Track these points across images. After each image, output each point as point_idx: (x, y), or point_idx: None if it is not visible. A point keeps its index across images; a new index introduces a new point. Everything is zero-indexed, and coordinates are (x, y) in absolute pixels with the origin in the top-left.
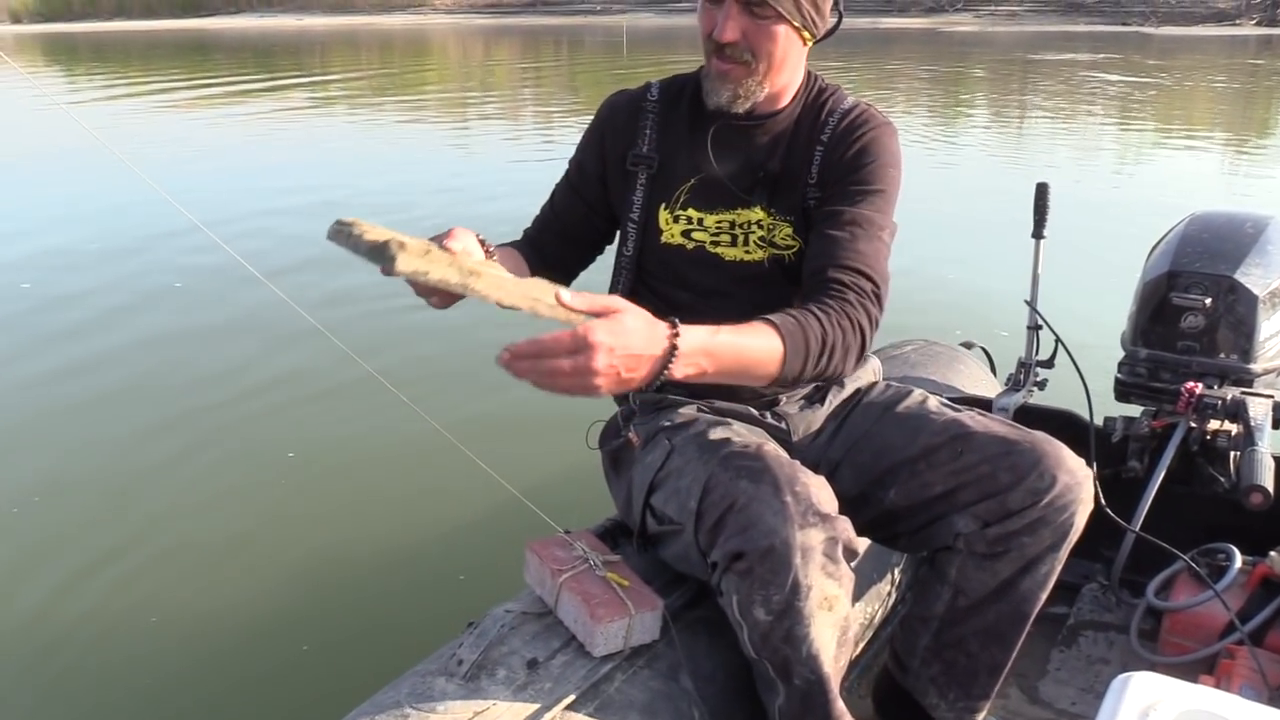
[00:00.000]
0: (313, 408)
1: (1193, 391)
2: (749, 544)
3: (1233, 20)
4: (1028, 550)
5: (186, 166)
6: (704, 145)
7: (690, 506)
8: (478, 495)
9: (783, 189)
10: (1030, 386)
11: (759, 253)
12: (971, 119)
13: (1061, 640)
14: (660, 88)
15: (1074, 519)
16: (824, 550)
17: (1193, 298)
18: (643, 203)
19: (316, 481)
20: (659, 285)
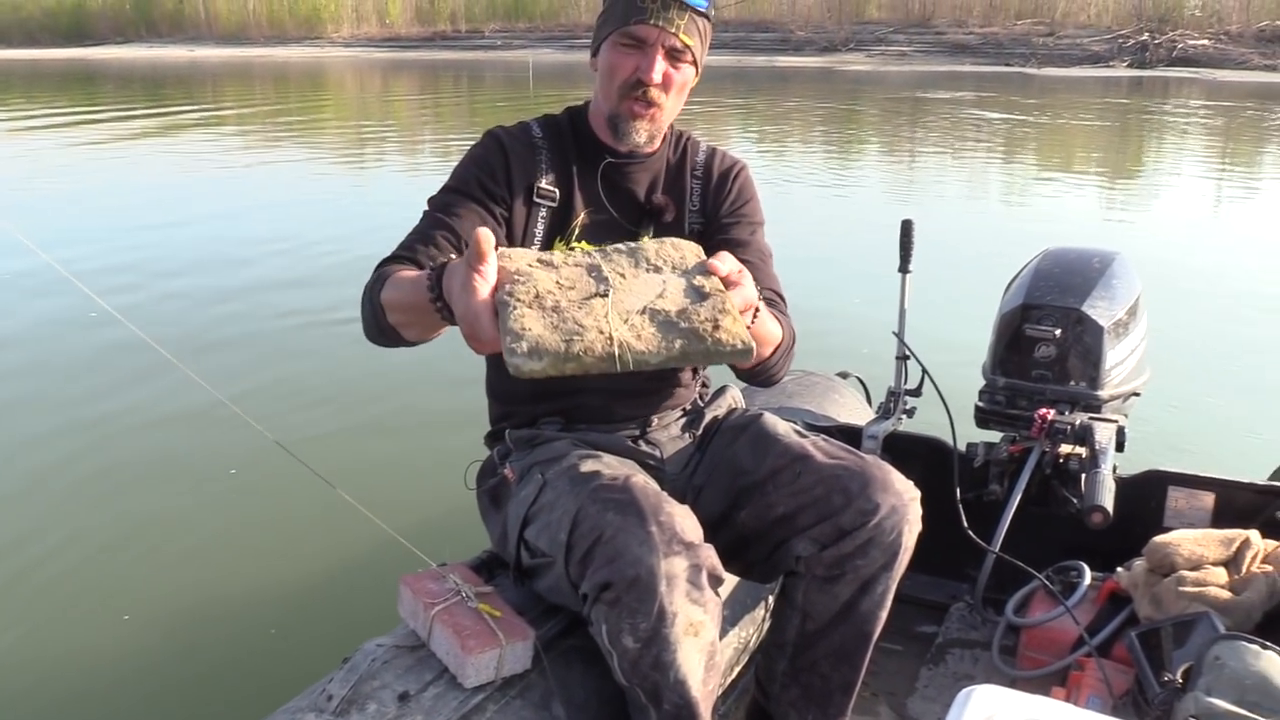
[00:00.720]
0: (178, 448)
1: (1045, 417)
2: (616, 574)
3: (1106, 62)
4: (862, 571)
5: (57, 202)
6: (594, 183)
7: (560, 539)
8: (352, 532)
9: (667, 219)
10: (900, 414)
11: None
12: (860, 155)
13: (930, 658)
14: (541, 127)
15: (902, 539)
16: (688, 578)
17: (1044, 329)
18: (544, 236)
19: (183, 521)
20: None
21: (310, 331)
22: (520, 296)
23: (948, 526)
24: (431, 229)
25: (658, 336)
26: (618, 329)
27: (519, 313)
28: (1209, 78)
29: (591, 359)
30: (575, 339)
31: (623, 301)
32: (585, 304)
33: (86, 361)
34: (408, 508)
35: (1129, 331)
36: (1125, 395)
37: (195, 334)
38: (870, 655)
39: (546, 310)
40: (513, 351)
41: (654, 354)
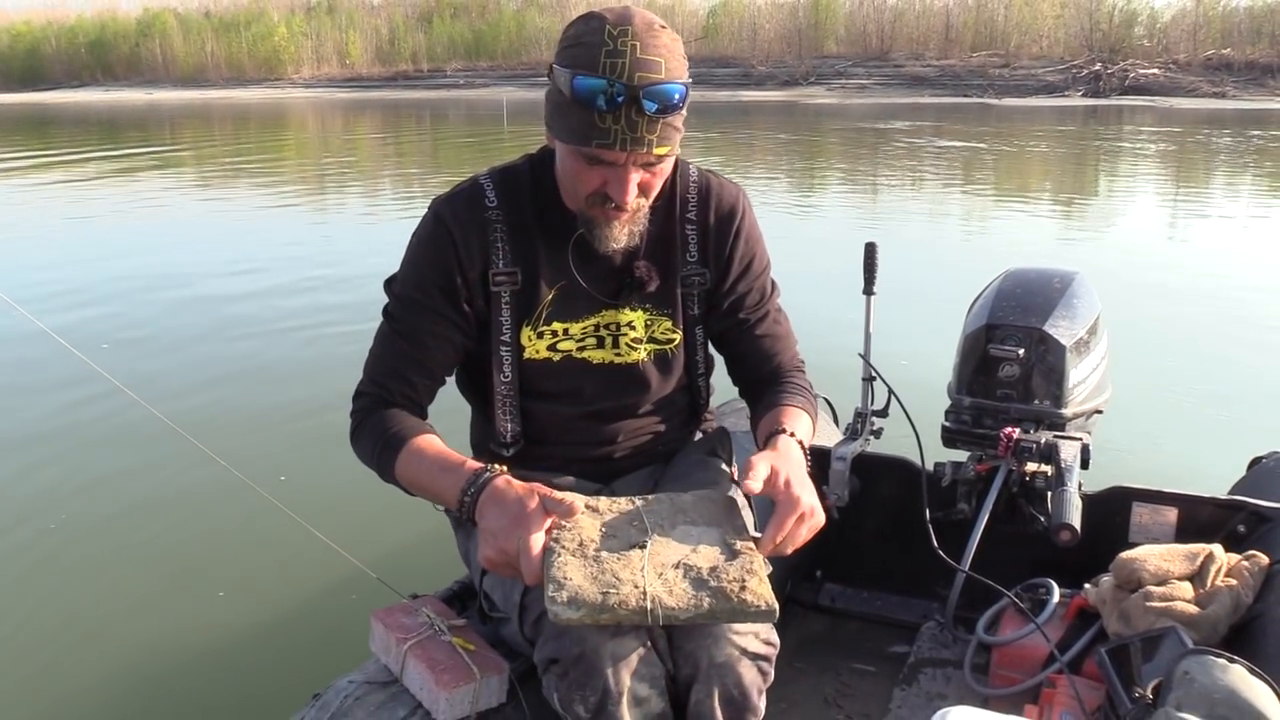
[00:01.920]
0: (135, 484)
1: (1010, 436)
2: (562, 650)
3: (1062, 92)
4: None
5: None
6: (563, 256)
7: (514, 599)
8: (321, 566)
9: (655, 286)
10: (867, 435)
11: (634, 353)
12: (823, 182)
13: (903, 679)
14: (496, 190)
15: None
16: (638, 658)
17: (1008, 349)
18: (510, 324)
19: (144, 558)
20: (536, 405)
21: (268, 361)
22: (565, 544)
23: (917, 546)
24: (403, 364)
25: (689, 593)
26: (652, 584)
27: (563, 560)
28: (1161, 105)
29: (625, 612)
30: (611, 592)
31: (659, 554)
32: (624, 555)
33: (35, 392)
34: (377, 540)
35: (1090, 350)
36: (1088, 413)
37: (151, 366)
38: (842, 677)
39: (588, 559)
40: (553, 600)
41: (683, 610)
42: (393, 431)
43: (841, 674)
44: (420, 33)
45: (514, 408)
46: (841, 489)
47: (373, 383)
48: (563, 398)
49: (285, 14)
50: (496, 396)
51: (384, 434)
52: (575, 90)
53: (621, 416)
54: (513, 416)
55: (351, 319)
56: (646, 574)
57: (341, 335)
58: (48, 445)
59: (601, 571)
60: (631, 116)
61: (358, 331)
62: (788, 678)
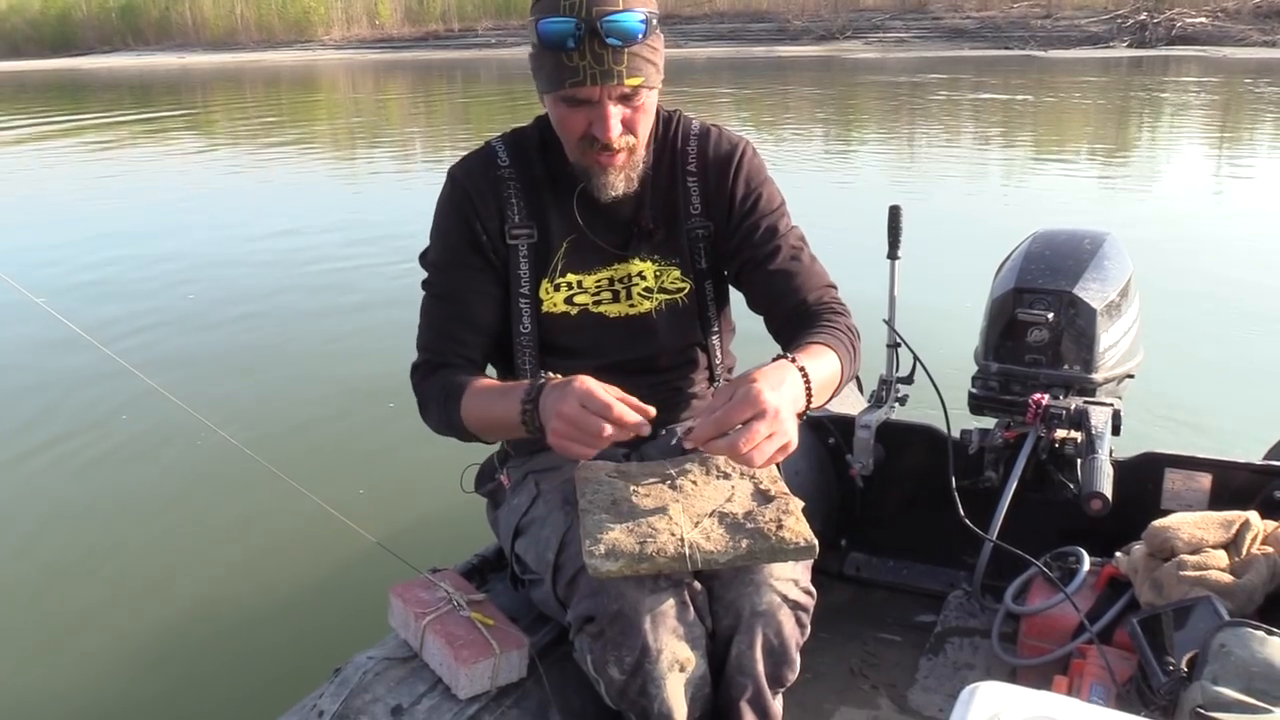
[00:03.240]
0: (152, 465)
1: (1039, 402)
2: (599, 608)
3: (1106, 43)
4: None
5: (38, 214)
6: (570, 209)
7: (548, 559)
8: (339, 543)
9: (661, 235)
10: (893, 403)
11: (645, 303)
12: (855, 141)
13: (929, 648)
14: (508, 151)
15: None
16: (675, 614)
17: (1036, 313)
18: (529, 278)
19: (163, 538)
20: (556, 361)
21: (285, 342)
22: (599, 503)
23: (944, 514)
24: (450, 324)
25: (726, 537)
26: (689, 532)
27: (596, 518)
28: (1210, 55)
29: (664, 559)
30: (649, 541)
31: (694, 506)
32: (659, 510)
33: (56, 382)
34: (395, 516)
35: (1122, 313)
36: (1119, 378)
37: (166, 346)
38: (868, 646)
39: (623, 515)
40: (591, 554)
41: (722, 553)
42: (453, 384)
43: (867, 644)
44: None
45: (533, 360)
46: (866, 457)
47: (425, 351)
48: (582, 352)
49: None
50: (516, 348)
51: (444, 390)
52: (541, 35)
53: (639, 370)
54: (533, 367)
55: (369, 298)
56: (683, 523)
57: (358, 313)
58: (63, 428)
59: (637, 524)
60: (595, 50)
61: (376, 308)
62: (812, 647)
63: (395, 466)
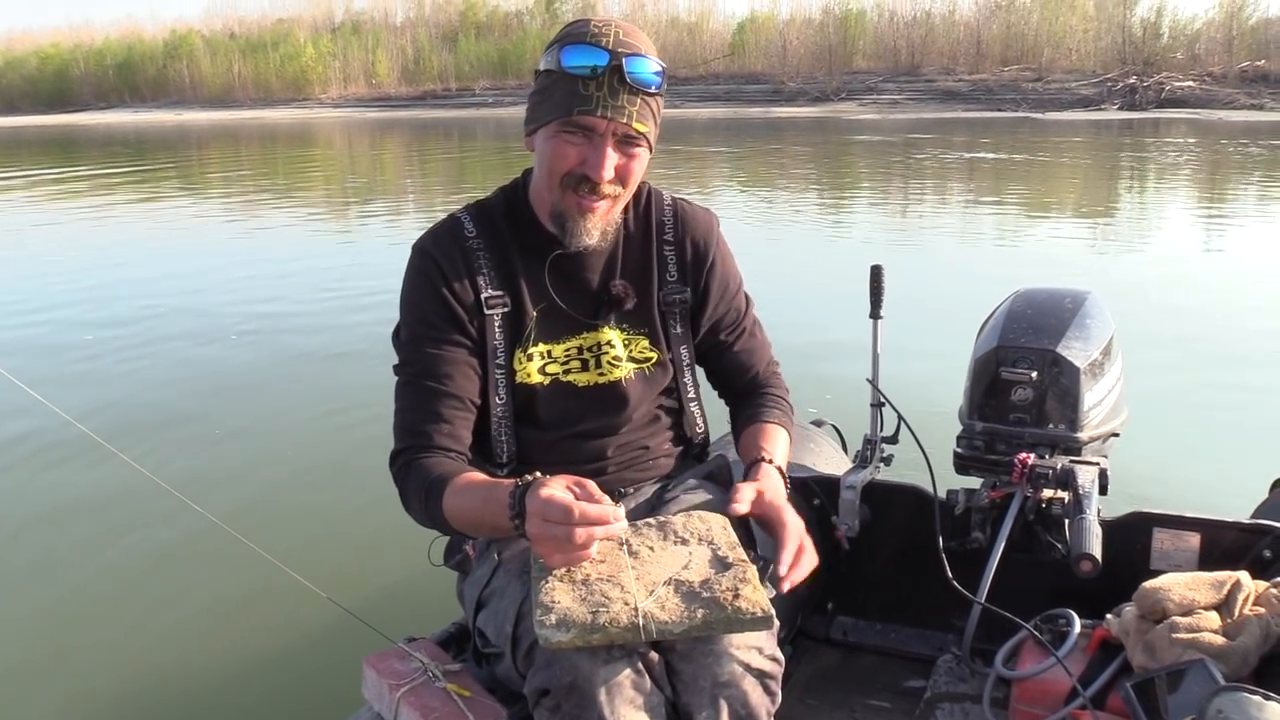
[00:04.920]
0: (108, 532)
1: (1025, 462)
2: (552, 680)
3: (1098, 105)
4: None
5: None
6: (540, 278)
7: (506, 631)
8: (310, 613)
9: (631, 304)
10: (877, 463)
11: (615, 371)
12: (841, 199)
13: (920, 715)
14: (474, 222)
15: None
16: (632, 684)
17: (1020, 371)
18: (504, 348)
19: (121, 611)
20: (530, 431)
21: (248, 403)
22: (552, 570)
23: (931, 576)
24: (430, 403)
25: (681, 606)
26: (643, 600)
27: (550, 585)
28: (1200, 117)
29: (617, 630)
30: (601, 610)
31: (649, 573)
32: (613, 577)
33: (6, 449)
34: (369, 584)
35: (1105, 371)
36: (1105, 436)
37: (125, 408)
38: (856, 714)
39: (576, 583)
40: (542, 624)
41: (677, 624)
42: (435, 476)
43: (856, 710)
44: (446, 52)
45: (509, 429)
46: (852, 518)
47: (406, 435)
48: (553, 420)
49: (311, 34)
50: (493, 419)
51: (425, 486)
52: (564, 61)
53: (607, 434)
54: (508, 437)
55: (346, 359)
56: (637, 592)
57: (326, 372)
58: (14, 495)
59: (590, 593)
60: (613, 85)
61: (347, 364)
62: (800, 715)
63: (370, 535)
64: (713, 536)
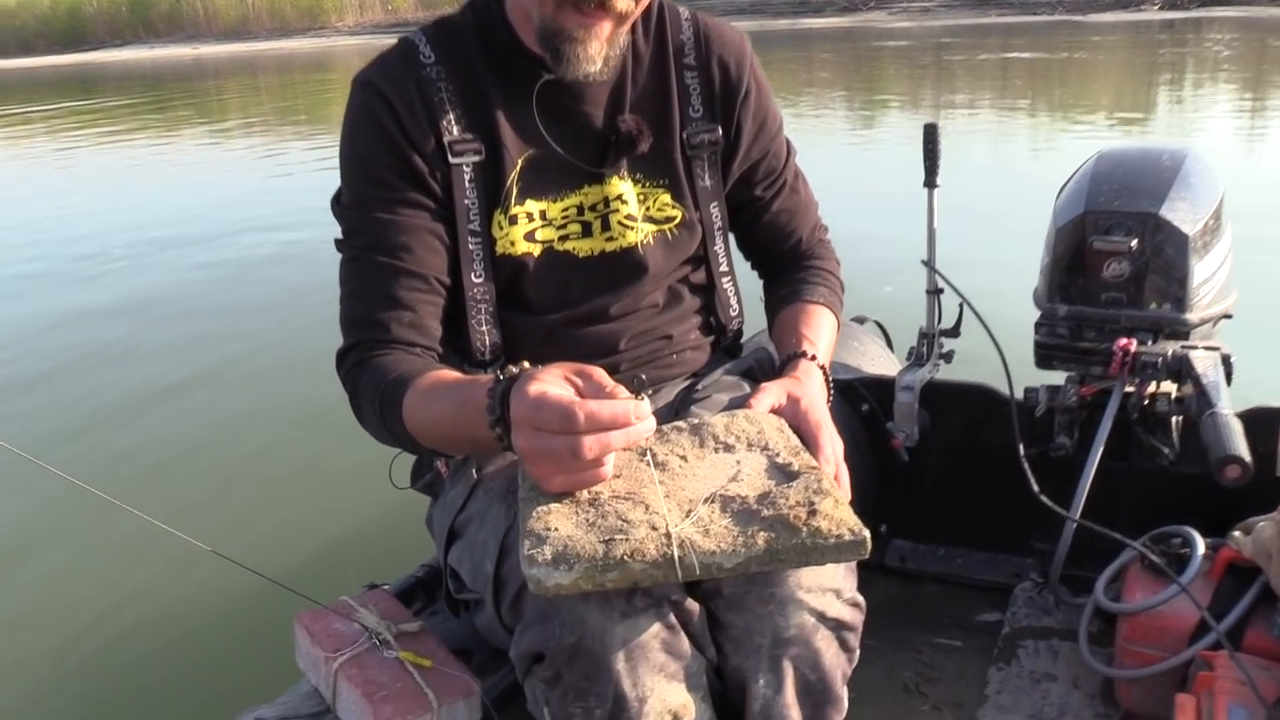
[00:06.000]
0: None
1: (1127, 349)
2: (549, 640)
3: (1137, 6)
4: None
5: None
6: (525, 114)
7: (486, 571)
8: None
9: (646, 145)
10: (936, 360)
11: (626, 236)
12: (880, 98)
13: (998, 655)
14: (431, 45)
15: None
16: (662, 645)
17: (1115, 240)
18: (479, 209)
19: (22, 597)
20: (515, 316)
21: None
22: (545, 491)
23: (1004, 491)
24: (386, 283)
25: (733, 530)
26: (678, 524)
27: (543, 508)
28: (1247, 15)
29: (641, 565)
30: (618, 540)
31: (684, 487)
32: (634, 494)
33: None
34: (321, 528)
35: (1216, 240)
36: (1215, 318)
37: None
38: (923, 655)
39: (580, 504)
40: (532, 560)
41: (728, 554)
42: (392, 377)
43: (921, 650)
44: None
45: (489, 316)
46: (910, 425)
47: (355, 328)
48: (546, 302)
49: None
50: (468, 301)
51: (381, 385)
52: None
53: (618, 319)
54: (489, 327)
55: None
56: (668, 513)
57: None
58: None
59: (602, 515)
60: None
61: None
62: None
63: (322, 459)
64: (767, 440)
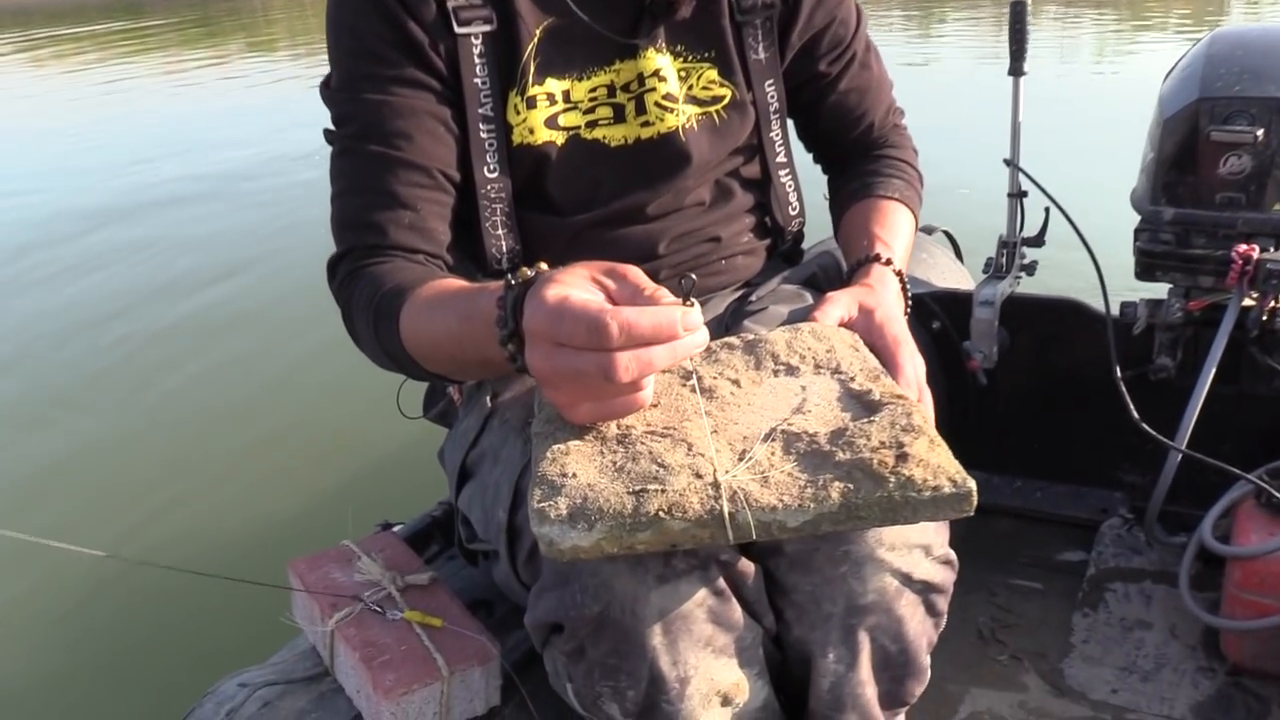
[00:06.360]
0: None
1: (1249, 256)
2: (567, 610)
3: None
4: None
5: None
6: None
7: (499, 519)
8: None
9: (687, 13)
10: (1017, 272)
11: (666, 120)
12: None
13: (1083, 599)
14: None
15: None
16: (708, 615)
17: (1237, 130)
18: (493, 86)
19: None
20: (536, 217)
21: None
22: (564, 421)
23: (1091, 417)
24: (383, 178)
25: (799, 479)
26: (727, 470)
27: (559, 446)
28: None
29: (681, 523)
30: (653, 488)
31: (736, 423)
32: (674, 430)
33: None
34: (338, 465)
35: None
36: None
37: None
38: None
39: (607, 442)
40: (543, 515)
41: (793, 510)
42: (388, 288)
43: (997, 594)
44: None
45: (506, 217)
46: (988, 344)
47: (347, 233)
48: (572, 199)
49: None
50: (481, 200)
51: (376, 298)
52: None
53: (657, 218)
54: (506, 230)
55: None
56: (716, 455)
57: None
58: None
59: (633, 458)
60: None
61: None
62: None
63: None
64: (838, 360)
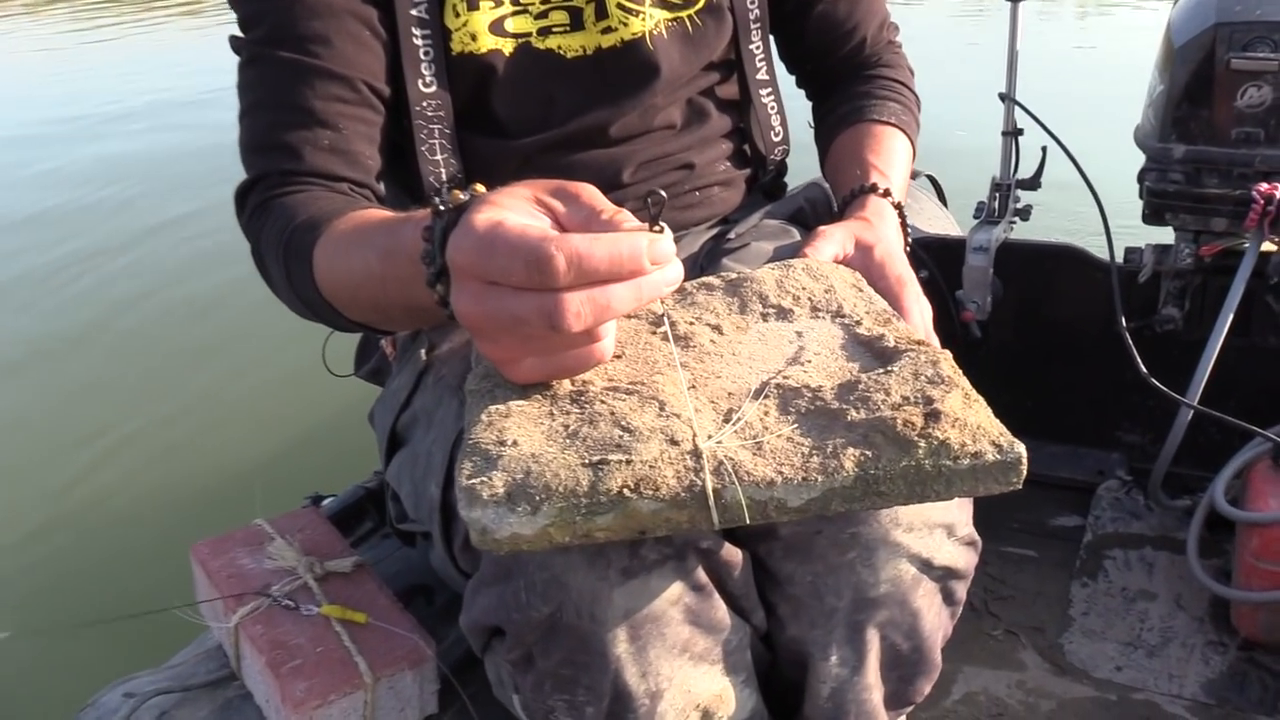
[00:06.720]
0: None
1: (1271, 196)
2: (510, 610)
3: None
4: None
5: None
6: None
7: (431, 494)
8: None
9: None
10: (1012, 217)
11: (630, 25)
12: None
13: (1081, 567)
14: None
15: None
16: (686, 614)
17: (1261, 58)
18: (433, 21)
19: None
20: (480, 141)
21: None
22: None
23: (1090, 374)
24: (299, 92)
25: (804, 445)
26: (709, 434)
27: (498, 408)
28: None
29: (653, 503)
30: (615, 461)
31: (719, 377)
32: (642, 385)
33: None
34: (225, 441)
35: None
36: None
37: None
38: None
39: (558, 401)
40: (472, 495)
41: (796, 483)
42: (300, 220)
43: (989, 562)
44: None
45: (445, 139)
46: (982, 293)
47: (256, 156)
48: (522, 119)
49: None
50: (416, 119)
51: (287, 231)
52: None
53: (621, 141)
54: (445, 154)
55: None
56: (696, 417)
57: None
58: None
59: (590, 420)
60: None
61: None
62: None
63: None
64: (840, 302)
